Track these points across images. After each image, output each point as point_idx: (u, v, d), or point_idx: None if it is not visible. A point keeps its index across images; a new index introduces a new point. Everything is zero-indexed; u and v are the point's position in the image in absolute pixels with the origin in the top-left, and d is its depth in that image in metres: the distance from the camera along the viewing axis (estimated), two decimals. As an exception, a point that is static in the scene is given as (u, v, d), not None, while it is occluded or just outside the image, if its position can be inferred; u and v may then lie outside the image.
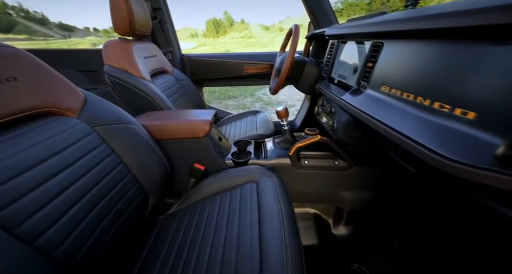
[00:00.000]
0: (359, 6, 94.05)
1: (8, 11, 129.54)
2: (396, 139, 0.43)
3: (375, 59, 0.57)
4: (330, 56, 0.92)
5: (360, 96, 0.61)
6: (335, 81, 0.84)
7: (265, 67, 1.55)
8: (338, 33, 0.82)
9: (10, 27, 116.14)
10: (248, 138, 1.13)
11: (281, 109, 0.90)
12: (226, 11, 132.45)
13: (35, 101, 0.48)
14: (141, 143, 0.69)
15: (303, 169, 0.87)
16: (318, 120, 0.97)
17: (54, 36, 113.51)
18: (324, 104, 0.89)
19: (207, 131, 0.80)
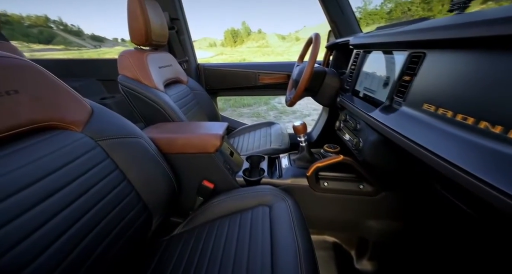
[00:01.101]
0: (379, 15, 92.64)
1: (50, 24, 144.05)
2: (449, 172, 0.34)
3: (413, 72, 0.49)
4: (354, 67, 0.84)
5: (393, 114, 0.52)
6: (360, 94, 0.76)
7: (281, 78, 1.49)
8: (366, 42, 0.74)
9: (50, 39, 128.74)
10: (262, 152, 1.06)
11: (298, 125, 0.83)
12: (244, 22, 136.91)
13: (37, 115, 0.45)
14: (147, 157, 0.64)
15: (322, 191, 0.78)
16: (340, 137, 0.88)
17: (87, 47, 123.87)
18: (347, 120, 0.80)
19: (218, 146, 0.75)
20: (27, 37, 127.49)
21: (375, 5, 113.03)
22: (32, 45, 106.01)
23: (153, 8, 0.95)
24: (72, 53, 57.91)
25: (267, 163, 0.93)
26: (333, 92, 1.00)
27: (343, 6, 1.13)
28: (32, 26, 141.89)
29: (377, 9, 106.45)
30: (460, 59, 0.39)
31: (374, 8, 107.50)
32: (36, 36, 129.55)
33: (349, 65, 0.90)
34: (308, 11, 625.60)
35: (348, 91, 0.86)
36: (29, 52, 74.71)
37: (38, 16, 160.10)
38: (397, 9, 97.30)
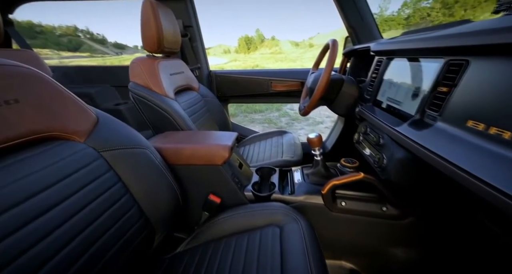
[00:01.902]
0: (396, 21, 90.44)
1: (78, 33, 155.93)
2: (507, 206, 0.27)
3: (453, 83, 0.42)
4: (375, 75, 0.77)
5: (427, 131, 0.45)
6: (383, 105, 0.69)
7: (295, 85, 1.44)
8: (392, 48, 0.67)
9: (78, 47, 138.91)
10: (272, 164, 1.00)
11: (313, 137, 0.76)
12: (258, 29, 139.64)
13: (38, 126, 0.43)
14: (152, 169, 0.61)
15: (340, 212, 0.70)
16: (358, 150, 0.80)
17: (109, 54, 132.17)
18: (367, 133, 0.72)
19: (226, 158, 0.70)
20: (58, 45, 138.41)
21: (391, 11, 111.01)
22: (62, 53, 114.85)
23: (167, 16, 0.95)
24: (96, 60, 61.93)
25: (278, 176, 0.87)
26: (351, 102, 0.93)
27: (362, 12, 1.07)
28: (62, 36, 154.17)
29: (393, 15, 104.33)
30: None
31: (391, 14, 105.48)
32: (66, 45, 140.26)
33: (369, 73, 0.83)
34: (323, 18, 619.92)
35: (368, 101, 0.79)
36: (59, 59, 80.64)
37: (68, 26, 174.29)
38: (416, 15, 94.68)
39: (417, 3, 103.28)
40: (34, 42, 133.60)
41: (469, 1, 79.35)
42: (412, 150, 0.47)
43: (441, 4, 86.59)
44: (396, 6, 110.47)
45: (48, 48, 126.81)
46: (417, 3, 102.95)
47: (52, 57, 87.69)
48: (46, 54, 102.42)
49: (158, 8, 0.89)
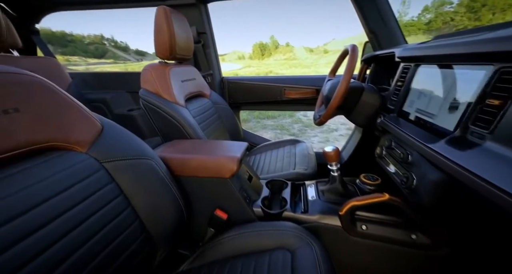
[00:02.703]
0: (416, 26, 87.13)
1: (104, 42, 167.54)
2: None
3: (509, 95, 0.34)
4: (401, 83, 0.70)
5: (472, 151, 0.37)
6: (411, 117, 0.61)
7: (309, 92, 1.38)
8: (422, 54, 0.60)
9: (103, 54, 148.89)
10: (284, 176, 0.94)
11: (330, 150, 0.69)
12: (272, 36, 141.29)
13: (37, 136, 0.41)
14: (156, 181, 0.58)
15: (360, 236, 0.62)
16: (381, 166, 0.72)
17: (131, 60, 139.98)
18: (392, 147, 0.65)
19: (234, 171, 0.65)
20: (85, 53, 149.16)
21: (411, 16, 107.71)
22: (89, 60, 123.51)
23: (180, 22, 0.94)
24: (118, 66, 65.66)
25: (290, 190, 0.81)
26: (372, 112, 0.85)
27: (385, 16, 1.00)
28: (90, 44, 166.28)
29: (413, 20, 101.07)
30: None
31: (410, 19, 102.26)
32: (93, 52, 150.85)
33: (393, 81, 0.76)
34: (338, 24, 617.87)
35: (392, 112, 0.72)
36: (86, 65, 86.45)
37: (95, 35, 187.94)
38: (438, 20, 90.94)
39: (439, 8, 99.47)
40: (65, 50, 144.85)
41: (498, 4, 74.97)
42: (452, 173, 0.40)
43: (466, 8, 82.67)
44: (416, 11, 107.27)
45: (77, 56, 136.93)
46: (439, 7, 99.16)
47: (80, 64, 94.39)
48: (75, 61, 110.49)
49: (171, 15, 0.88)
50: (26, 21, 1.28)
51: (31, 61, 1.09)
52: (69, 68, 7.26)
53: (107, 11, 52.31)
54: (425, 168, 0.50)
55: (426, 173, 0.49)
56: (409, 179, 0.54)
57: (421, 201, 0.51)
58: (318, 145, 3.37)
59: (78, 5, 1.24)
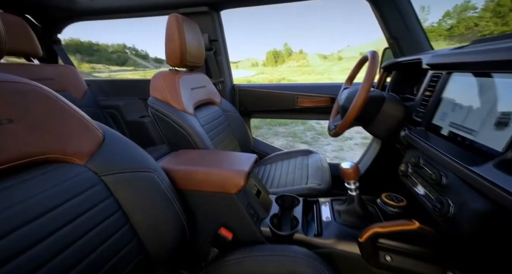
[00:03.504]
0: (436, 32, 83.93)
1: (126, 50, 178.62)
2: None
3: None
4: (430, 93, 0.62)
5: None
6: (443, 132, 0.53)
7: (323, 101, 1.32)
8: (459, 61, 0.52)
9: (124, 62, 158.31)
10: (296, 191, 0.88)
11: (348, 167, 0.62)
12: (286, 43, 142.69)
13: (32, 148, 0.39)
14: (157, 195, 0.54)
15: (383, 269, 0.54)
16: (406, 184, 0.64)
17: (150, 67, 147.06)
18: (420, 165, 0.57)
19: (241, 187, 0.60)
20: (109, 60, 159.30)
21: (431, 22, 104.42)
22: (111, 67, 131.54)
23: (192, 30, 0.93)
24: (138, 73, 69.19)
25: (301, 208, 0.74)
26: (394, 124, 0.78)
27: (408, 20, 0.93)
28: (113, 52, 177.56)
29: (433, 26, 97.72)
30: None
31: (430, 25, 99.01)
32: (115, 60, 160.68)
33: (420, 90, 0.68)
34: (353, 31, 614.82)
35: (419, 125, 0.64)
36: (108, 72, 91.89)
37: (118, 44, 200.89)
38: (460, 25, 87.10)
39: (461, 13, 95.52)
40: (91, 58, 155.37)
41: (526, 8, 70.81)
42: (504, 203, 0.32)
43: (491, 13, 78.74)
44: (436, 17, 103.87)
45: (101, 63, 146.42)
46: (461, 12, 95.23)
47: (104, 71, 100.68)
48: (99, 68, 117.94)
49: (183, 22, 0.88)
50: (50, 32, 1.35)
51: (50, 69, 1.13)
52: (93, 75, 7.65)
53: (130, 21, 54.47)
54: (466, 193, 0.42)
55: (467, 200, 0.41)
56: (444, 206, 0.46)
57: (459, 233, 0.42)
58: (331, 154, 3.24)
59: (95, 15, 1.29)
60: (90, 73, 70.74)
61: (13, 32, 0.97)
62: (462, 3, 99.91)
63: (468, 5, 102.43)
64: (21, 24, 1.00)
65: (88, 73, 77.98)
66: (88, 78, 1.49)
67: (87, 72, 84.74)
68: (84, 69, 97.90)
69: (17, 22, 0.99)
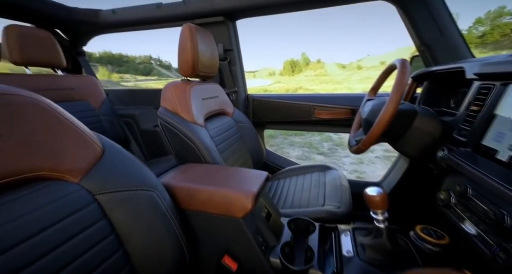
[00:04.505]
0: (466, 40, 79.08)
1: (151, 61, 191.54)
2: None
3: None
4: (477, 107, 0.52)
5: None
6: (501, 156, 0.43)
7: (343, 113, 1.22)
8: None
9: (149, 72, 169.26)
10: (311, 214, 0.78)
11: (375, 195, 0.53)
12: (303, 53, 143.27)
13: (19, 165, 0.36)
14: (156, 217, 0.49)
15: None
16: (448, 217, 0.53)
17: (172, 77, 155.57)
18: (469, 196, 0.46)
19: (248, 210, 0.53)
20: (136, 71, 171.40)
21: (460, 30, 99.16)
22: (137, 77, 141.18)
23: (205, 40, 0.91)
24: (161, 82, 73.19)
25: (318, 235, 0.64)
26: (428, 142, 0.67)
27: (442, 25, 0.83)
28: (140, 63, 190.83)
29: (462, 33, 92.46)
30: None
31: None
32: (141, 70, 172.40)
33: (463, 103, 0.58)
34: (374, 39, 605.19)
35: (464, 145, 0.53)
36: (134, 81, 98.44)
37: (145, 56, 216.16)
38: (494, 32, 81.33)
39: (495, 19, 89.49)
40: (120, 69, 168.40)
41: None
42: None
43: (530, 18, 72.64)
44: (466, 24, 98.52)
45: (129, 73, 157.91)
46: (495, 19, 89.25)
47: (130, 80, 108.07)
48: (127, 78, 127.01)
49: (197, 32, 0.86)
50: (76, 45, 1.43)
51: (72, 79, 1.18)
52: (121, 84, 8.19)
53: (157, 34, 58.27)
54: None
55: None
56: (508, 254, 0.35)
57: None
58: (350, 167, 3.05)
59: (117, 27, 1.35)
60: (119, 83, 76.52)
61: (41, 45, 1.03)
62: (496, 9, 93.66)
63: (503, 11, 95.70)
64: (48, 38, 1.05)
65: (116, 82, 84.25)
66: (107, 88, 1.55)
67: (116, 81, 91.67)
68: (114, 79, 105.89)
69: (45, 36, 1.05)
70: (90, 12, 1.27)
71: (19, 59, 0.97)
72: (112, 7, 1.26)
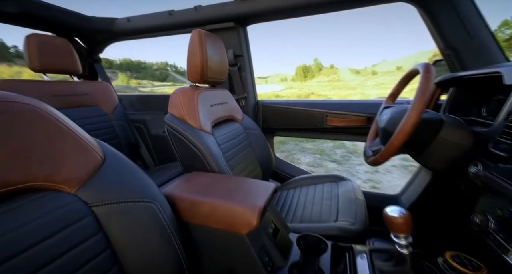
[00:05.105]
0: (490, 43, 74.64)
1: (167, 68, 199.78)
2: None
3: None
4: None
5: None
6: None
7: (358, 120, 1.15)
8: None
9: (165, 77, 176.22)
10: (322, 230, 0.72)
11: (397, 216, 0.46)
12: (316, 58, 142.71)
13: (11, 176, 0.35)
14: (155, 231, 0.46)
15: None
16: (485, 244, 0.45)
17: (186, 82, 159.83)
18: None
19: (253, 227, 0.49)
20: (153, 77, 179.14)
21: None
22: (154, 82, 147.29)
23: (215, 46, 0.90)
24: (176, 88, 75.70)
25: (330, 255, 0.58)
26: (457, 155, 0.60)
27: (472, 27, 0.76)
28: (157, 70, 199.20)
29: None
30: None
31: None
32: (158, 76, 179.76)
33: (501, 113, 0.51)
34: (390, 44, 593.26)
35: (503, 161, 0.46)
36: (151, 87, 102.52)
37: (162, 62, 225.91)
38: (527, 34, 76.40)
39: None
40: (138, 75, 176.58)
41: None
42: None
43: (563, 19, 67.70)
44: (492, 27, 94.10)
45: (146, 79, 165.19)
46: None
47: (147, 86, 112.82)
48: (144, 84, 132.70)
49: (206, 38, 0.85)
50: (93, 52, 1.48)
51: (87, 85, 1.21)
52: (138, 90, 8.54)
53: (173, 41, 59.64)
54: None
55: None
56: None
57: None
58: (364, 176, 2.90)
59: (131, 35, 1.39)
60: (136, 88, 79.95)
61: (59, 53, 1.07)
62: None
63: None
64: (66, 46, 1.10)
65: (134, 87, 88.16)
66: (121, 94, 1.59)
67: (133, 87, 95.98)
68: (132, 84, 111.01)
69: (63, 44, 1.09)
70: (106, 20, 1.31)
71: (37, 66, 1.01)
72: (123, 14, 1.31)
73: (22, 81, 1.00)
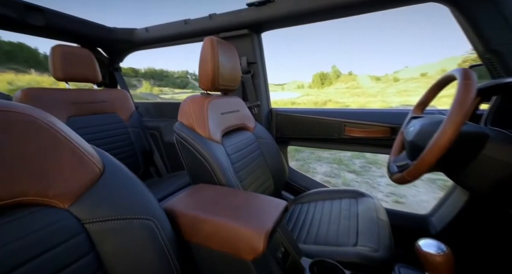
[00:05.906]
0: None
1: (187, 76, 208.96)
2: None
3: None
4: None
5: None
6: None
7: (380, 131, 1.06)
8: None
9: (185, 85, 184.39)
10: (339, 256, 0.64)
11: (434, 253, 0.38)
12: (334, 65, 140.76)
13: (1, 191, 0.33)
14: (151, 251, 0.43)
15: None
16: None
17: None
18: None
19: (259, 252, 0.44)
20: (174, 84, 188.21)
21: None
22: (175, 90, 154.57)
23: (227, 53, 0.88)
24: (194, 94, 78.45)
25: None
26: (505, 176, 0.50)
27: None
28: (178, 78, 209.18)
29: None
30: None
31: None
32: (178, 84, 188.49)
33: None
34: (413, 50, 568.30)
35: None
36: (172, 94, 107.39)
37: (182, 71, 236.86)
38: None
39: None
40: (161, 83, 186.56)
41: None
42: None
43: None
44: None
45: (167, 87, 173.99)
46: None
47: (168, 93, 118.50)
48: (165, 91, 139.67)
49: (218, 45, 0.83)
50: (114, 61, 1.56)
51: (105, 93, 1.26)
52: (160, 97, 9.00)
53: (193, 49, 60.21)
54: None
55: None
56: None
57: None
58: (386, 189, 2.69)
59: (150, 44, 1.44)
60: (158, 95, 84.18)
61: (81, 63, 1.13)
62: None
63: None
64: (88, 56, 1.15)
65: (156, 94, 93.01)
66: (138, 101, 1.63)
67: (156, 94, 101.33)
68: (154, 92, 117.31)
69: (85, 54, 1.15)
70: (127, 31, 1.37)
71: (61, 76, 1.06)
72: (135, 25, 1.36)
73: (45, 89, 1.06)
